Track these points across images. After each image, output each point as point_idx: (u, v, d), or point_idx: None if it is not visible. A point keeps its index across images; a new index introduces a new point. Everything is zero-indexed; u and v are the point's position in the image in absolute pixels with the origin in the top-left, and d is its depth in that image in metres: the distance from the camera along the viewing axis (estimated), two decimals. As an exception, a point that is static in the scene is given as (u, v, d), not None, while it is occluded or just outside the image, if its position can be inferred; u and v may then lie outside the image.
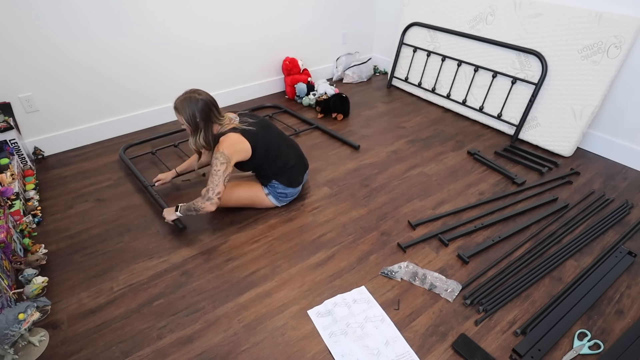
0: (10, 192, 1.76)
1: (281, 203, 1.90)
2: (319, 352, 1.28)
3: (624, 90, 2.15)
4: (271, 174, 1.79)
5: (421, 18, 2.95)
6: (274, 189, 1.83)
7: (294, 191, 1.89)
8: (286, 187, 1.83)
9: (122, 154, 2.28)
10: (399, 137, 2.56)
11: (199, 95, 1.57)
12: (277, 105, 2.93)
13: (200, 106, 1.55)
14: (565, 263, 1.62)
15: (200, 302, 1.44)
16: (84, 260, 1.62)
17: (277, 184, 1.82)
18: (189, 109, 1.55)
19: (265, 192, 1.85)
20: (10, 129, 1.99)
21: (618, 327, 1.37)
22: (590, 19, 2.06)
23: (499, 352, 1.28)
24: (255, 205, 1.88)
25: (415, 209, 1.92)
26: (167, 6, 2.37)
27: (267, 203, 1.87)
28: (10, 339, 1.21)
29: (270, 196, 1.86)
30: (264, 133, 1.72)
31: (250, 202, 1.87)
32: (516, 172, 2.20)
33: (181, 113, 1.57)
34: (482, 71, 2.64)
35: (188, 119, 1.57)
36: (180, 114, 1.58)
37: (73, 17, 2.09)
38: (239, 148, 1.62)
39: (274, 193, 1.85)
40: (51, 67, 2.14)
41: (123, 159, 2.23)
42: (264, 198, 1.85)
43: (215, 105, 1.62)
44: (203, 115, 1.57)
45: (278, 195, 1.85)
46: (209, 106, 1.58)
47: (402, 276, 1.54)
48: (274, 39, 2.97)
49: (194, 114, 1.55)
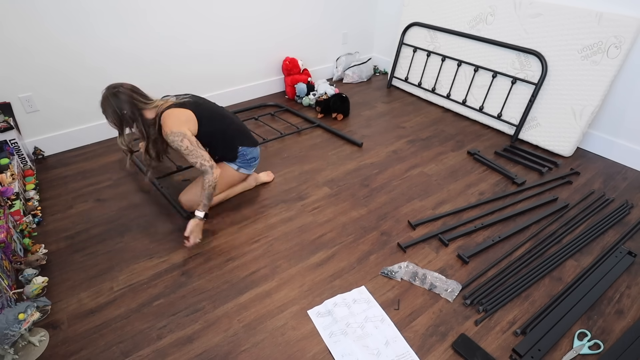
0: (10, 192, 1.76)
1: (250, 170, 1.89)
2: (319, 352, 1.28)
3: (624, 90, 2.15)
4: (232, 138, 1.75)
5: (421, 18, 2.95)
6: (243, 157, 1.81)
7: (258, 151, 1.88)
8: (252, 147, 1.83)
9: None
10: (399, 137, 2.56)
11: (116, 88, 1.50)
12: (278, 104, 2.93)
13: (123, 98, 1.49)
14: (565, 263, 1.62)
15: (200, 302, 1.44)
16: (84, 260, 1.62)
17: (244, 149, 1.79)
18: (114, 105, 1.48)
19: (235, 167, 1.83)
20: (10, 129, 1.99)
21: (618, 327, 1.37)
22: (590, 19, 2.06)
23: (499, 352, 1.28)
24: (230, 186, 1.88)
25: (415, 209, 1.92)
26: (168, 6, 2.37)
27: (240, 177, 1.87)
28: (11, 339, 1.21)
29: (242, 169, 1.84)
30: (202, 101, 1.71)
31: (225, 187, 1.85)
32: (516, 172, 2.20)
33: (107, 113, 1.51)
34: (482, 71, 2.64)
35: (115, 116, 1.50)
36: (107, 114, 1.51)
37: (73, 17, 2.09)
38: (183, 119, 1.57)
39: (244, 162, 1.82)
40: (51, 67, 2.14)
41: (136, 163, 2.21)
42: (235, 174, 1.84)
43: (138, 91, 1.56)
44: (129, 106, 1.50)
45: (248, 162, 1.84)
46: (131, 95, 1.51)
47: (402, 276, 1.54)
48: (274, 39, 2.97)
49: (119, 107, 1.48)
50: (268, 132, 2.58)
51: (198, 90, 2.74)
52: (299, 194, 2.02)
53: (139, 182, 2.10)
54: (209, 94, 2.83)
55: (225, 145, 1.77)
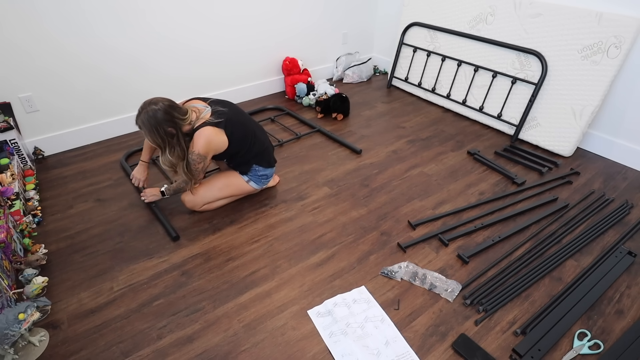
0: (11, 192, 1.76)
1: (261, 186, 1.92)
2: (319, 352, 1.28)
3: (624, 90, 2.15)
4: (251, 157, 1.79)
5: (421, 18, 2.95)
6: (255, 173, 1.84)
7: (272, 171, 1.92)
8: (266, 168, 1.86)
9: (123, 161, 2.26)
10: (399, 137, 2.56)
11: (155, 105, 1.47)
12: (279, 107, 2.93)
13: (161, 116, 1.47)
14: (565, 263, 1.62)
15: (200, 302, 1.44)
16: (84, 260, 1.62)
17: (258, 167, 1.83)
18: (154, 123, 1.47)
19: (245, 179, 1.85)
20: (10, 129, 1.99)
21: (618, 327, 1.37)
22: (590, 19, 2.06)
23: (499, 352, 1.28)
24: (236, 195, 1.92)
25: (415, 209, 1.92)
26: (167, 6, 2.37)
27: (248, 190, 1.89)
28: (11, 339, 1.21)
29: (252, 182, 1.86)
30: (237, 119, 1.70)
31: (230, 194, 1.88)
32: (516, 172, 2.20)
33: (148, 131, 1.49)
34: (482, 71, 2.64)
35: (157, 134, 1.49)
36: (148, 132, 1.50)
37: (73, 17, 2.09)
38: (214, 145, 1.60)
39: (255, 177, 1.85)
40: (51, 67, 2.14)
41: (123, 166, 2.22)
42: (244, 185, 1.86)
43: (175, 107, 1.53)
44: (169, 124, 1.50)
45: (259, 179, 1.87)
46: (169, 112, 1.49)
47: (402, 276, 1.54)
48: (274, 39, 2.97)
49: (160, 125, 1.48)
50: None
51: (198, 90, 2.76)
52: (299, 194, 2.02)
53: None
54: (209, 94, 2.83)
55: (242, 161, 1.81)
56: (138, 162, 1.92)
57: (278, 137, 2.53)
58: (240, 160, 1.80)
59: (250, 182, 1.86)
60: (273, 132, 2.59)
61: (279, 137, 2.53)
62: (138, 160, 1.93)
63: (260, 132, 1.84)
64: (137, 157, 2.35)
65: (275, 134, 2.56)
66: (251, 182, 1.86)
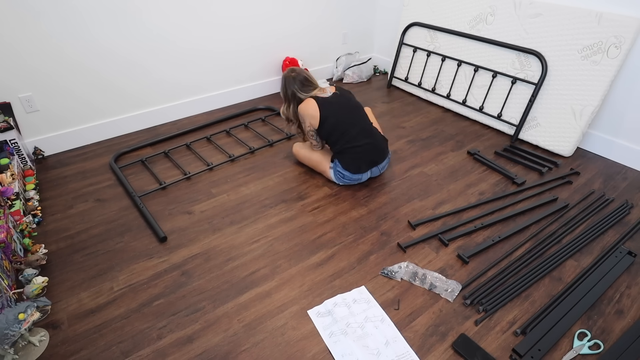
0: (11, 192, 1.76)
1: (339, 181, 2.04)
2: (319, 352, 1.28)
3: (624, 90, 2.15)
4: (335, 150, 1.98)
5: (421, 18, 2.95)
6: (335, 165, 2.00)
7: (352, 176, 1.99)
8: (343, 168, 1.96)
9: (112, 162, 2.23)
10: (399, 137, 2.56)
11: (293, 72, 1.99)
12: (270, 108, 2.92)
13: (291, 81, 1.97)
14: (565, 263, 1.62)
15: (200, 302, 1.44)
16: (84, 260, 1.62)
17: (337, 163, 1.98)
18: (284, 83, 2.00)
19: (330, 165, 2.03)
20: (10, 129, 1.99)
21: (618, 327, 1.37)
22: (590, 19, 2.06)
23: (499, 352, 1.28)
24: (319, 170, 2.12)
25: (415, 209, 1.92)
26: (165, 7, 2.37)
27: (328, 174, 2.06)
28: (11, 339, 1.21)
29: (332, 171, 2.02)
30: (338, 111, 1.92)
31: (315, 165, 2.12)
32: (516, 172, 2.20)
33: (281, 86, 2.03)
34: (482, 71, 2.64)
35: (283, 90, 2.02)
36: (281, 87, 2.04)
37: (73, 18, 2.09)
38: (308, 113, 1.91)
39: (335, 169, 2.00)
40: (51, 68, 2.14)
41: (113, 168, 2.20)
42: (327, 169, 2.05)
43: (305, 80, 1.98)
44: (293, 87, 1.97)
45: (337, 173, 2.00)
46: (299, 80, 1.97)
47: (402, 276, 1.54)
48: (274, 39, 2.97)
49: (288, 86, 1.98)
50: (256, 138, 2.57)
51: (198, 90, 2.76)
52: (299, 193, 2.02)
53: (139, 182, 2.10)
54: (209, 94, 2.84)
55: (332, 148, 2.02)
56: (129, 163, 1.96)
57: (269, 138, 2.53)
58: (330, 146, 2.01)
59: (331, 170, 2.03)
60: (274, 132, 2.59)
61: (269, 138, 2.53)
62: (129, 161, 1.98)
63: (357, 134, 1.92)
64: (126, 157, 2.34)
65: (267, 135, 2.56)
66: (332, 170, 2.03)
